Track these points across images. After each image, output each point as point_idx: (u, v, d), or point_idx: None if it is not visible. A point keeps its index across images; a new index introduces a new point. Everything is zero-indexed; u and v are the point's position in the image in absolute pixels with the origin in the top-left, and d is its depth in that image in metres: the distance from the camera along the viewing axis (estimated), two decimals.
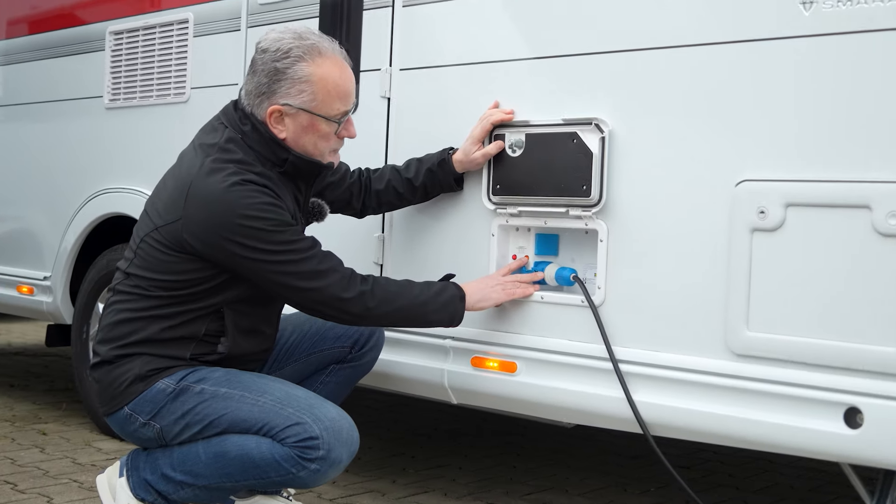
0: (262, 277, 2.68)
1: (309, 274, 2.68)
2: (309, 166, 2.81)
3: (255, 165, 2.72)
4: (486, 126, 3.04)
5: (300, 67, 2.69)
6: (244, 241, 2.61)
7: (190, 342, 2.75)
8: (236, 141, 2.74)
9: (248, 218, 2.60)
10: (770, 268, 2.54)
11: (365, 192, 3.22)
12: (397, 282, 2.86)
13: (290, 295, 2.74)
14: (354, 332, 3.09)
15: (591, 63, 2.89)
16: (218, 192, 2.61)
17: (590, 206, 2.86)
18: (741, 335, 2.58)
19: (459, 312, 2.88)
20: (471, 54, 3.19)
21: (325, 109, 2.74)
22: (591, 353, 2.88)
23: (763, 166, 2.56)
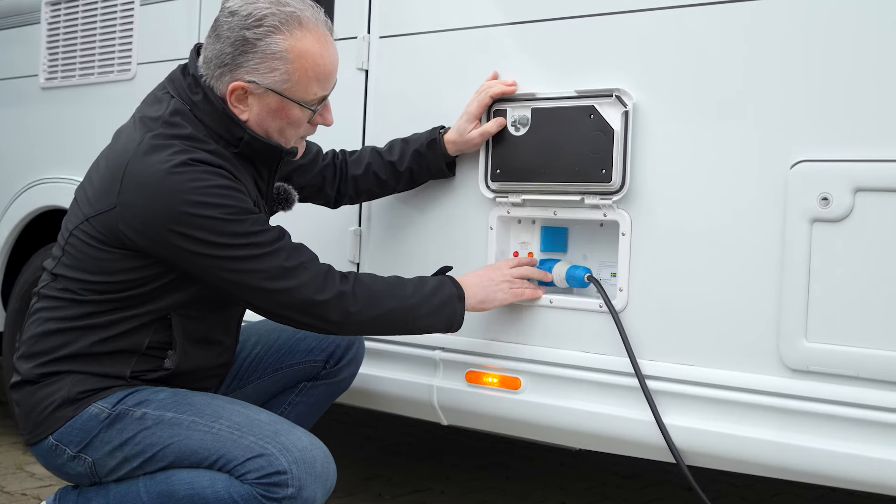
0: (217, 277, 2.20)
1: (275, 272, 2.20)
2: (268, 150, 2.34)
3: (206, 142, 2.25)
4: (485, 100, 2.59)
5: (275, 41, 2.21)
6: (194, 234, 2.14)
7: (130, 357, 2.27)
8: (184, 113, 2.26)
9: (198, 205, 2.13)
10: (834, 266, 2.12)
11: (340, 178, 2.76)
12: (384, 279, 2.40)
13: (253, 299, 2.26)
14: (330, 343, 2.64)
15: (612, 24, 2.45)
16: (160, 173, 2.14)
17: (610, 192, 2.41)
18: (798, 346, 2.16)
19: (458, 316, 2.42)
20: (464, 17, 2.73)
21: (299, 93, 2.27)
22: (611, 367, 2.44)
23: (826, 143, 2.14)
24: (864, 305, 2.08)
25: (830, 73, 2.13)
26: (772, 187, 2.20)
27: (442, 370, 2.74)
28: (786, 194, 2.17)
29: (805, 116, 2.16)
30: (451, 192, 2.74)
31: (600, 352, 2.47)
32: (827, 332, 2.13)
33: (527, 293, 2.52)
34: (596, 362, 2.47)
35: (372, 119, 2.93)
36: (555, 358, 2.54)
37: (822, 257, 2.13)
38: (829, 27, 2.14)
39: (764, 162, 2.21)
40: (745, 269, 2.24)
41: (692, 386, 2.31)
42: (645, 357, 2.39)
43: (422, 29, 2.82)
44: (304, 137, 2.41)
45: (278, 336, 2.65)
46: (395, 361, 2.83)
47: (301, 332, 2.62)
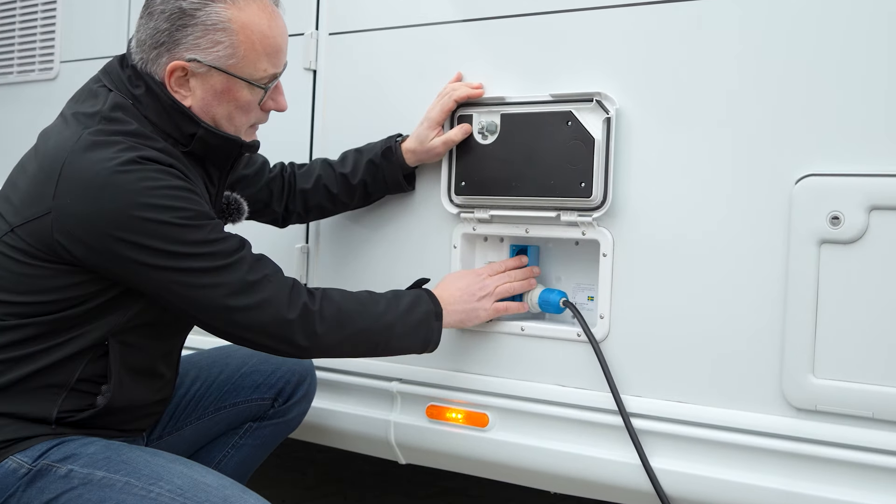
0: (169, 292, 1.90)
1: (236, 286, 1.91)
2: (225, 145, 2.05)
3: (154, 139, 1.95)
4: (448, 105, 2.32)
5: (215, 10, 1.93)
6: (144, 242, 1.84)
7: (58, 393, 1.94)
8: (126, 108, 1.96)
9: (149, 208, 1.83)
10: (845, 292, 1.89)
11: (288, 193, 2.46)
12: (354, 296, 2.10)
13: (209, 317, 1.94)
14: (279, 379, 2.34)
15: (592, 20, 2.19)
16: (104, 172, 1.83)
17: (590, 209, 2.16)
18: (804, 383, 1.92)
19: (435, 334, 2.15)
20: (423, 13, 2.46)
21: (247, 69, 1.99)
22: (591, 403, 2.19)
23: (836, 154, 1.91)
24: (881, 337, 1.86)
25: (842, 74, 1.90)
26: (774, 204, 1.96)
27: (399, 404, 2.47)
28: (790, 212, 1.94)
29: (812, 124, 1.93)
30: (410, 206, 2.47)
31: (578, 386, 2.21)
32: (837, 367, 1.89)
33: (512, 307, 2.27)
34: (574, 397, 2.21)
35: (320, 125, 2.64)
36: (527, 392, 2.28)
37: (832, 283, 1.90)
38: (841, 21, 1.90)
39: (765, 176, 1.98)
40: (743, 295, 2.00)
41: (683, 425, 2.07)
42: (629, 392, 2.14)
43: (375, 25, 2.55)
44: (254, 127, 2.12)
45: (220, 370, 2.35)
46: (347, 394, 2.55)
47: (246, 367, 2.32)
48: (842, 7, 1.90)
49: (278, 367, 2.33)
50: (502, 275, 2.26)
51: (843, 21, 1.90)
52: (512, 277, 2.27)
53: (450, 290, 2.21)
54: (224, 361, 2.34)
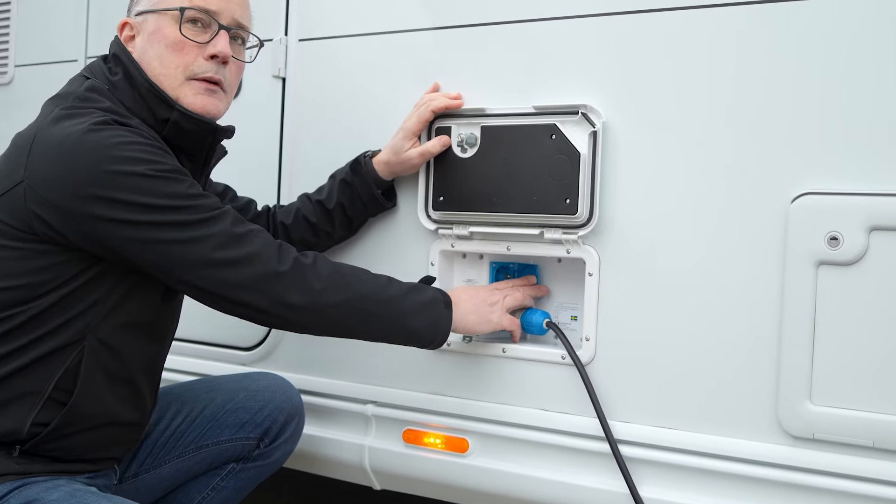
0: (151, 252, 1.79)
1: (223, 238, 1.81)
2: (199, 128, 1.96)
3: (129, 118, 1.89)
4: (425, 115, 2.21)
5: None
6: (121, 196, 1.75)
7: (34, 402, 1.81)
8: (101, 90, 1.91)
9: (122, 160, 1.76)
10: (844, 316, 1.81)
11: (272, 232, 2.35)
12: (349, 265, 1.99)
13: (195, 276, 1.81)
14: (266, 417, 2.19)
15: (577, 29, 2.09)
16: (75, 134, 1.77)
17: (575, 226, 2.06)
18: (801, 410, 1.84)
19: (444, 323, 1.99)
20: (398, 19, 2.35)
21: (169, 2, 1.96)
22: (576, 428, 2.10)
23: (834, 172, 1.83)
24: (882, 363, 1.78)
25: (841, 89, 1.82)
26: (769, 223, 1.88)
27: (374, 428, 2.36)
28: (786, 232, 1.85)
29: (809, 140, 1.85)
30: (386, 221, 2.36)
31: (563, 410, 2.12)
32: (836, 393, 1.82)
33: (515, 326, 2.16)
34: (558, 422, 2.12)
35: (289, 137, 2.52)
36: (509, 416, 2.18)
37: (830, 306, 1.82)
38: (842, 35, 1.82)
39: (759, 194, 1.89)
40: (737, 317, 1.92)
41: (673, 453, 1.99)
42: (616, 418, 2.05)
43: (348, 32, 2.43)
44: (200, 82, 1.96)
45: (205, 405, 2.20)
46: (319, 416, 2.44)
47: (232, 403, 2.18)
48: (844, 20, 1.81)
49: (266, 405, 2.20)
50: (509, 288, 2.15)
51: (845, 34, 1.81)
52: (520, 289, 2.17)
53: (459, 294, 2.09)
54: (208, 396, 2.20)
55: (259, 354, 2.56)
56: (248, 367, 2.55)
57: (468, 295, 2.09)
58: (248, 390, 2.23)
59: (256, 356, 2.56)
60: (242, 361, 2.57)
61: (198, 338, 2.63)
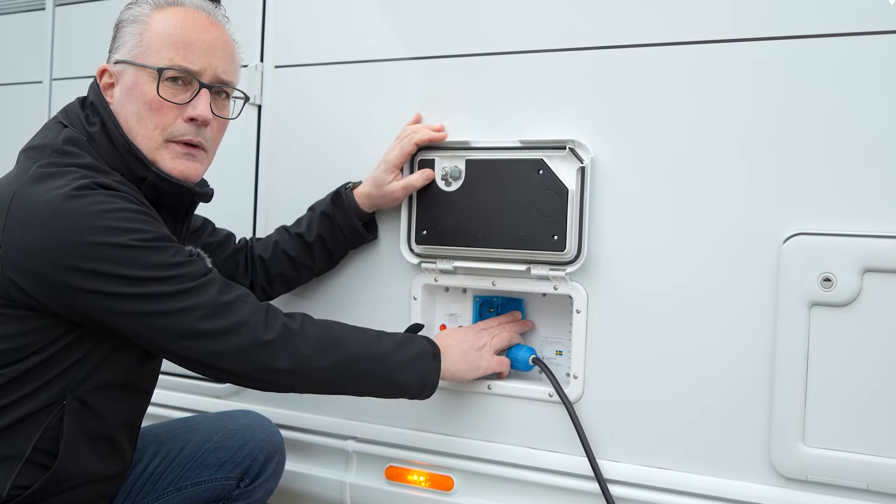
0: (136, 324, 1.71)
1: (209, 309, 1.74)
2: (176, 191, 1.89)
3: (110, 173, 1.81)
4: (407, 148, 2.17)
5: (139, 10, 1.89)
6: (103, 269, 1.67)
7: (12, 466, 1.75)
8: (79, 142, 1.82)
9: (104, 231, 1.67)
10: (837, 357, 1.80)
11: (251, 265, 2.29)
12: (337, 322, 1.93)
13: (182, 348, 1.74)
14: (245, 456, 2.12)
15: (565, 62, 2.06)
16: (56, 199, 1.68)
17: (563, 263, 2.04)
18: (794, 452, 1.83)
19: (433, 375, 1.96)
20: (378, 47, 2.30)
21: (151, 58, 1.86)
22: (563, 467, 2.07)
23: (827, 213, 1.81)
24: (875, 405, 1.77)
25: (834, 129, 1.81)
26: (761, 263, 1.87)
27: (355, 464, 2.32)
28: (779, 273, 1.84)
29: (802, 181, 1.83)
30: (367, 254, 2.31)
31: (550, 449, 2.09)
32: (829, 435, 1.80)
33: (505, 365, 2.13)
34: (545, 461, 2.09)
35: (265, 167, 2.47)
36: (495, 454, 2.15)
37: (824, 347, 1.80)
38: (835, 74, 1.81)
39: (751, 233, 1.88)
40: (728, 357, 1.90)
41: (663, 493, 1.96)
42: (605, 457, 2.02)
43: (325, 59, 2.38)
44: (179, 144, 1.88)
45: (183, 445, 2.13)
46: (299, 452, 2.38)
47: (211, 442, 2.12)
48: (837, 59, 1.80)
49: (245, 443, 2.13)
50: (495, 327, 2.12)
51: (838, 74, 1.80)
52: (506, 329, 2.13)
53: (446, 339, 2.06)
54: (186, 435, 2.14)
55: (236, 388, 2.50)
56: (224, 400, 2.49)
57: (456, 340, 2.05)
58: (227, 429, 2.17)
59: (233, 389, 2.50)
60: (218, 394, 2.51)
61: (174, 370, 2.56)
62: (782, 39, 1.85)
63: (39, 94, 2.93)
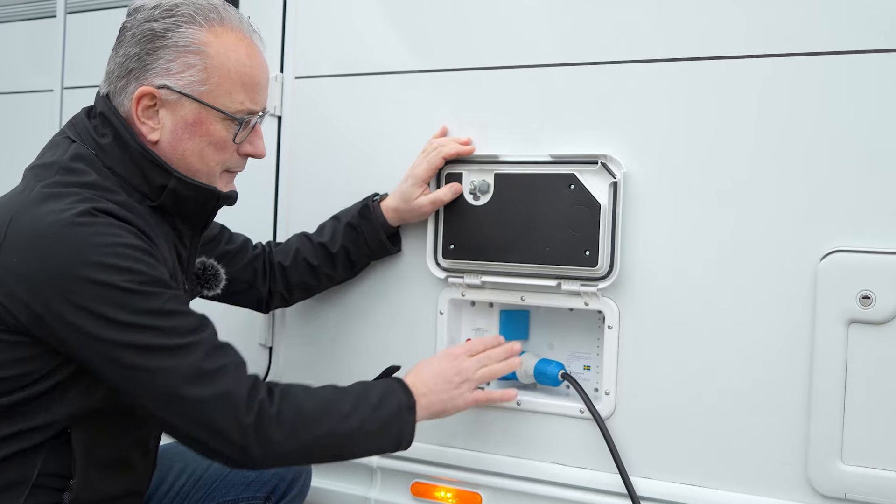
0: (112, 371, 1.64)
1: (189, 374, 1.64)
2: (199, 196, 1.82)
3: (114, 192, 1.73)
4: (435, 162, 2.15)
5: (189, 32, 1.75)
6: (88, 306, 1.59)
7: (18, 491, 1.69)
8: (87, 158, 1.74)
9: (96, 267, 1.59)
10: (876, 375, 1.79)
11: (270, 272, 2.25)
12: (319, 394, 1.82)
13: (155, 405, 1.66)
14: (273, 475, 2.10)
15: (598, 75, 2.05)
16: (54, 226, 1.61)
17: (595, 278, 2.02)
18: (832, 470, 1.82)
19: (407, 432, 1.89)
20: (402, 59, 2.28)
21: (221, 99, 1.78)
22: (595, 484, 2.06)
23: (866, 230, 1.80)
24: None
25: (872, 142, 1.79)
26: (797, 280, 1.85)
27: (380, 480, 2.30)
28: (816, 290, 1.83)
29: (839, 195, 1.82)
30: (392, 268, 2.29)
31: (581, 465, 2.08)
32: (868, 453, 1.79)
33: (495, 396, 2.06)
34: (576, 478, 2.07)
35: (285, 179, 2.45)
36: (524, 470, 2.13)
37: (862, 365, 1.79)
38: (872, 85, 1.80)
39: (786, 249, 1.86)
40: (765, 374, 1.89)
41: None
42: (638, 474, 2.01)
43: (347, 70, 2.36)
44: (231, 173, 1.89)
45: (209, 464, 2.10)
46: (323, 468, 2.36)
47: None
48: (873, 73, 1.79)
49: None
50: (481, 356, 2.02)
51: (874, 88, 1.79)
52: (492, 359, 2.03)
53: (423, 378, 1.95)
54: None
55: None
56: None
57: (431, 374, 1.95)
58: None
59: None
60: None
61: None
62: (815, 55, 1.84)
63: (50, 103, 2.90)
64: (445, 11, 2.21)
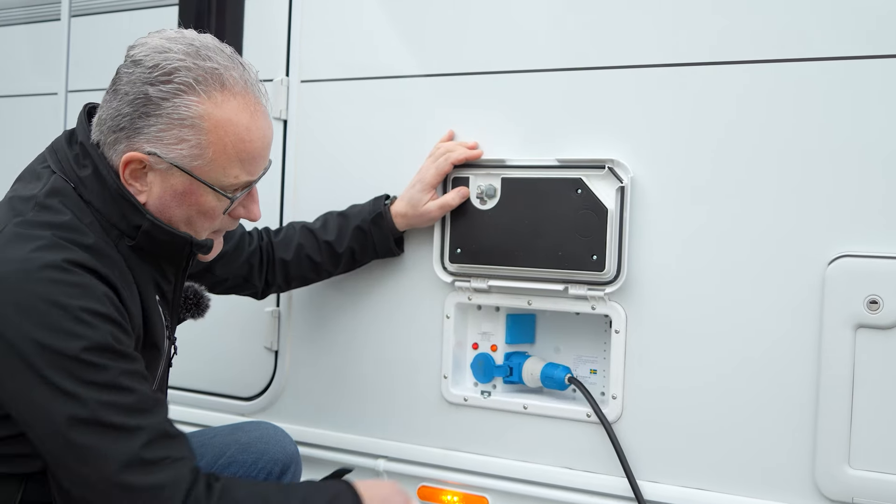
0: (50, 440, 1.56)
1: (126, 460, 1.55)
2: (173, 242, 1.76)
3: (86, 234, 1.66)
4: (444, 167, 2.16)
5: (185, 103, 1.64)
6: (39, 369, 1.53)
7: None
8: (65, 194, 1.68)
9: (53, 332, 1.53)
10: (884, 379, 1.80)
11: (268, 265, 2.25)
12: (258, 491, 1.71)
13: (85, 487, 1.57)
14: (260, 470, 2.07)
15: (603, 79, 2.05)
16: (14, 276, 1.55)
17: (602, 283, 2.03)
18: (839, 474, 1.83)
19: None
20: (407, 63, 2.29)
21: (214, 174, 1.70)
22: (602, 488, 2.06)
23: (874, 235, 1.81)
24: None
25: (880, 146, 1.80)
26: (804, 284, 1.86)
27: None
28: (823, 295, 1.83)
29: (846, 201, 1.83)
30: (398, 271, 2.30)
31: (588, 469, 2.08)
32: (875, 457, 1.80)
33: None
34: (583, 482, 2.08)
35: (291, 183, 2.45)
36: (531, 474, 2.14)
37: (869, 369, 1.80)
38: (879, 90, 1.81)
39: (793, 254, 1.87)
40: (772, 378, 1.89)
41: None
42: (645, 478, 2.02)
43: (353, 74, 2.36)
44: (219, 232, 1.85)
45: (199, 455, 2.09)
46: (328, 471, 2.35)
47: (224, 457, 2.07)
48: (878, 80, 1.80)
49: (260, 457, 2.09)
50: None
51: (879, 94, 1.80)
52: None
53: (372, 490, 1.81)
54: (199, 451, 2.06)
55: (261, 405, 2.48)
56: (248, 417, 2.47)
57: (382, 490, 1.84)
58: (240, 443, 2.11)
59: (258, 406, 2.48)
60: (243, 412, 2.49)
61: (197, 387, 2.54)
62: (822, 61, 1.85)
63: (55, 106, 2.89)
64: (451, 15, 2.22)
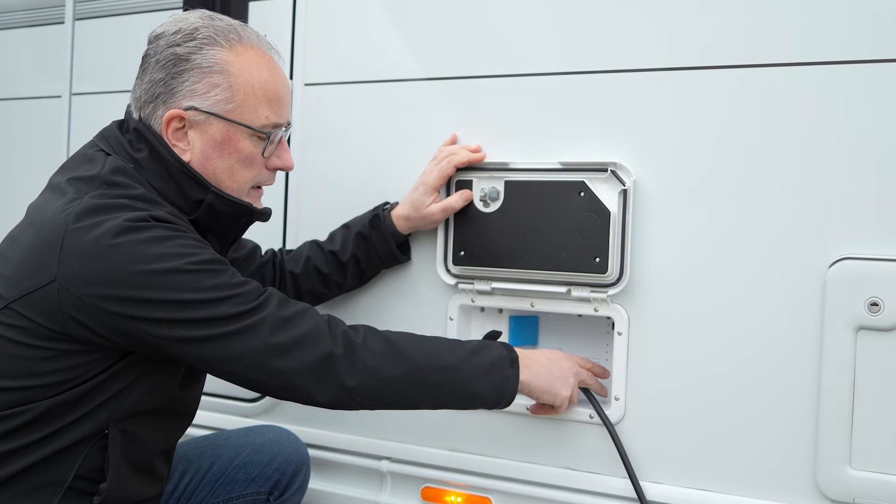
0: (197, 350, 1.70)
1: (271, 324, 1.70)
2: (234, 212, 1.88)
3: (161, 204, 1.79)
4: (446, 170, 2.17)
5: (211, 53, 1.82)
6: (164, 296, 1.66)
7: (54, 493, 1.73)
8: (127, 172, 1.79)
9: (160, 258, 1.66)
10: (884, 381, 1.81)
11: (280, 279, 2.29)
12: (403, 333, 1.87)
13: (246, 366, 1.71)
14: (274, 470, 2.13)
15: (607, 84, 2.07)
16: (111, 231, 1.66)
17: (605, 285, 2.04)
18: (840, 474, 1.84)
19: (510, 383, 1.87)
20: (412, 66, 2.30)
21: (248, 115, 1.84)
22: (605, 489, 2.08)
23: (874, 237, 1.82)
24: None
25: (879, 149, 1.82)
26: (805, 287, 1.87)
27: (390, 484, 2.31)
28: (824, 297, 1.85)
29: (847, 203, 1.84)
30: (401, 274, 2.31)
31: (590, 470, 2.10)
32: (876, 458, 1.82)
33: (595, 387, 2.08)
34: (586, 483, 2.09)
35: (295, 191, 2.46)
36: (534, 475, 2.15)
37: (870, 371, 1.82)
38: (879, 92, 1.82)
39: (796, 257, 1.88)
40: (774, 380, 1.91)
41: None
42: (648, 479, 2.03)
43: (357, 78, 2.38)
44: (259, 190, 1.95)
45: (212, 462, 2.13)
46: (332, 472, 2.38)
47: (240, 458, 2.11)
48: (882, 80, 1.81)
49: (273, 458, 2.14)
50: (579, 367, 2.04)
51: (881, 95, 1.81)
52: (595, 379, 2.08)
53: (532, 355, 1.96)
54: (215, 453, 2.13)
55: (264, 406, 2.49)
56: (252, 419, 2.48)
57: (545, 357, 1.97)
58: (254, 444, 2.17)
59: (261, 408, 2.49)
60: (247, 413, 2.51)
61: None
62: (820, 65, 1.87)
63: (59, 109, 2.91)
64: (455, 19, 2.23)
